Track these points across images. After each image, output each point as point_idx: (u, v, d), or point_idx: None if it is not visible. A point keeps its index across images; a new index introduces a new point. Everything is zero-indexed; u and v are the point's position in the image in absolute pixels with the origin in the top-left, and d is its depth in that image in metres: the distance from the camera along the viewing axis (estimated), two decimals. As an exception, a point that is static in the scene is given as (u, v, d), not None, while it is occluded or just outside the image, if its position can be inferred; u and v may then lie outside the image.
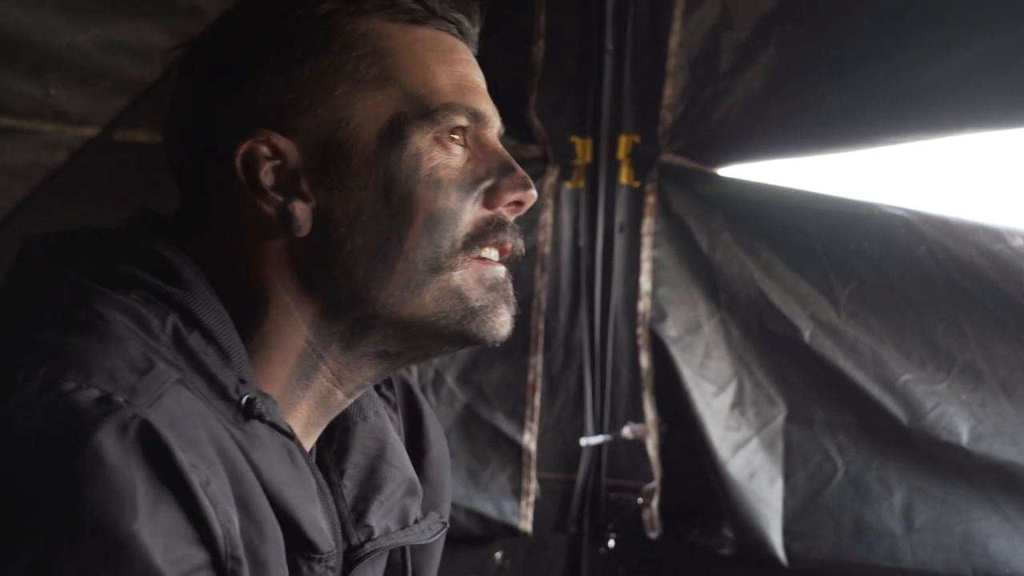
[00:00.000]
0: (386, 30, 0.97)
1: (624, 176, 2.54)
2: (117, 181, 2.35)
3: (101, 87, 2.22)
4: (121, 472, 0.75)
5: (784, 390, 2.40)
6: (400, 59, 0.96)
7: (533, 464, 2.55)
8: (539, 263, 2.55)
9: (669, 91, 2.45)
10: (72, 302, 0.86)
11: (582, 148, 2.56)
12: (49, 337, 0.82)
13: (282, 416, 0.92)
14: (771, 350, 2.41)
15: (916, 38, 2.17)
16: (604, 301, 2.56)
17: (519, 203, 1.00)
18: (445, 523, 1.11)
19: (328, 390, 0.98)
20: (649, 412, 2.50)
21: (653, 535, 2.49)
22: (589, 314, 2.57)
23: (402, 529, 1.04)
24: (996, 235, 2.19)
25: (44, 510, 0.74)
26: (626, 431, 2.55)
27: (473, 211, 0.97)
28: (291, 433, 0.92)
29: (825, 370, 2.34)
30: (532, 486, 2.55)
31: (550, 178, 2.54)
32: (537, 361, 2.57)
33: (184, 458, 0.78)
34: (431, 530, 1.07)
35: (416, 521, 1.06)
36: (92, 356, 0.80)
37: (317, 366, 0.97)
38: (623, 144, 2.53)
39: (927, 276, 2.25)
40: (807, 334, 2.35)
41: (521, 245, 1.01)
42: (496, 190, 0.98)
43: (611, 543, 2.58)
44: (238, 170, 0.94)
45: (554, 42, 2.51)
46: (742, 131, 2.40)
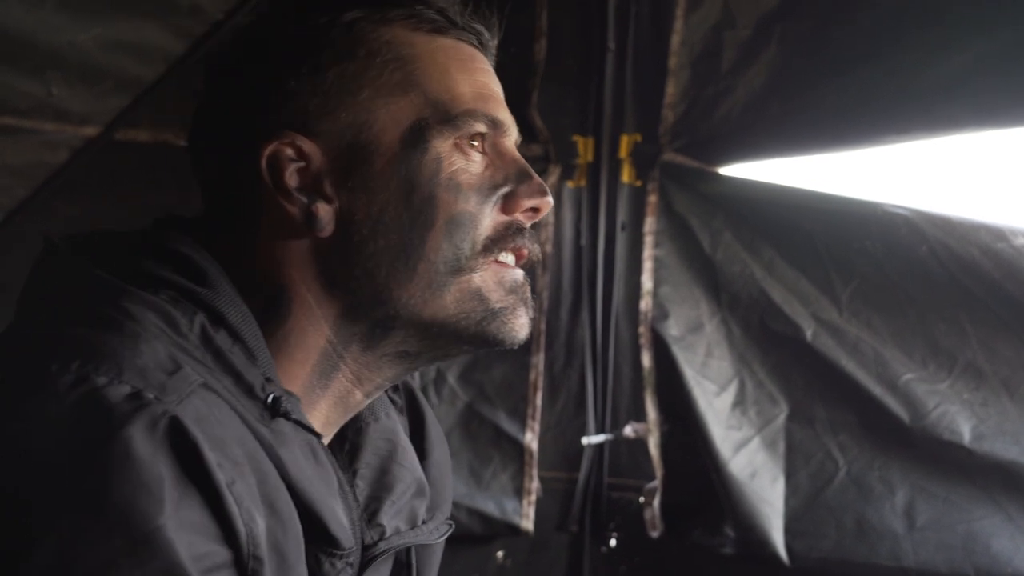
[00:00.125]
0: (409, 38, 1.00)
1: (626, 175, 2.54)
2: (118, 180, 2.36)
3: (102, 86, 2.22)
4: (149, 467, 0.76)
5: (786, 389, 2.40)
6: (423, 66, 0.99)
7: (535, 463, 2.55)
8: (541, 262, 2.55)
9: (671, 90, 2.45)
10: (103, 301, 0.87)
11: (584, 147, 2.55)
12: (82, 334, 0.84)
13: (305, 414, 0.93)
14: (773, 349, 2.41)
15: (916, 38, 2.17)
16: (606, 300, 2.56)
17: (535, 209, 1.02)
18: (451, 524, 1.13)
19: (347, 390, 1.00)
20: (651, 411, 2.50)
21: (655, 534, 2.49)
22: (591, 313, 2.56)
23: (412, 529, 1.05)
24: (998, 234, 2.19)
25: (72, 499, 0.75)
26: (628, 430, 2.55)
27: (492, 216, 0.99)
28: (315, 431, 0.93)
29: (827, 369, 2.34)
30: (534, 485, 2.55)
31: (552, 177, 2.53)
32: (539, 360, 2.57)
33: (211, 456, 0.79)
34: (439, 531, 1.10)
35: (424, 522, 1.08)
36: (123, 353, 0.82)
37: (337, 366, 0.98)
38: (625, 143, 2.53)
39: (929, 275, 2.25)
40: (809, 333, 2.35)
41: (537, 250, 1.03)
42: (514, 196, 1.00)
43: (613, 542, 2.58)
44: (264, 171, 0.96)
45: (556, 41, 2.51)
46: (744, 130, 2.40)
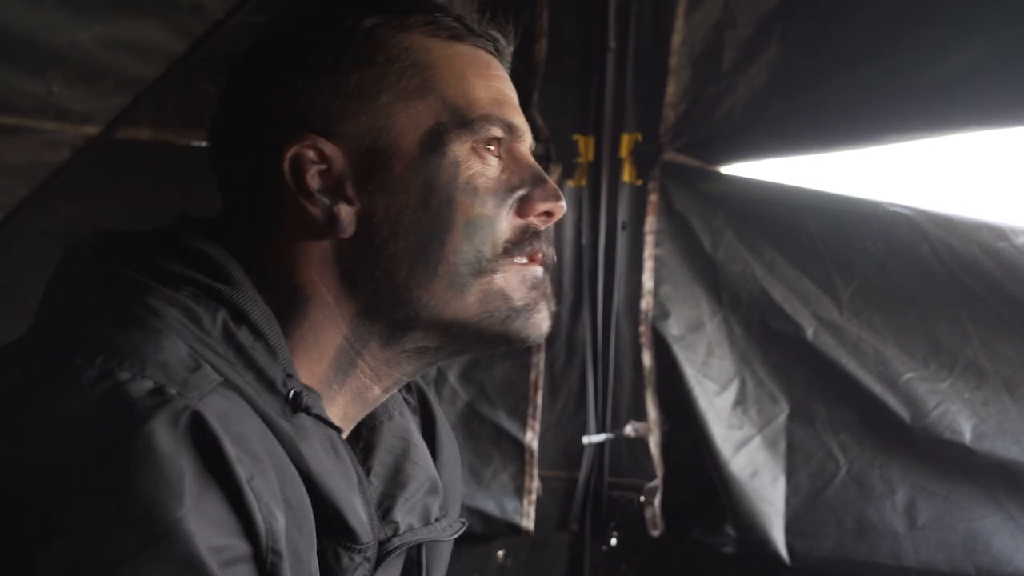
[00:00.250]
0: (427, 44, 1.02)
1: (626, 174, 2.54)
2: (119, 179, 2.36)
3: (103, 85, 2.22)
4: (171, 460, 0.77)
5: (786, 388, 2.40)
6: (441, 72, 1.01)
7: (535, 462, 2.55)
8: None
9: (671, 89, 2.45)
10: (127, 298, 0.89)
11: (584, 146, 2.55)
12: (106, 330, 0.85)
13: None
14: (773, 348, 2.41)
15: (916, 37, 2.17)
16: (606, 299, 2.56)
17: (549, 213, 1.03)
18: (463, 522, 1.14)
19: (365, 386, 1.01)
20: (651, 410, 2.50)
21: (655, 533, 2.49)
22: (591, 312, 2.56)
23: (425, 526, 1.07)
24: (999, 233, 2.19)
25: (94, 492, 0.76)
26: (628, 429, 2.55)
27: (508, 219, 1.01)
28: (336, 426, 0.95)
29: (828, 368, 2.34)
30: (534, 484, 2.55)
31: (553, 176, 2.51)
32: (539, 359, 2.56)
33: (232, 451, 0.80)
34: (451, 528, 1.11)
35: (437, 519, 1.09)
36: (146, 349, 0.83)
37: (355, 362, 1.00)
38: (625, 142, 2.53)
39: (930, 274, 2.25)
40: (810, 332, 2.35)
41: (552, 254, 1.05)
42: (529, 200, 1.02)
43: (613, 541, 2.58)
44: (286, 173, 0.97)
45: (556, 40, 2.51)
46: (745, 129, 2.40)
